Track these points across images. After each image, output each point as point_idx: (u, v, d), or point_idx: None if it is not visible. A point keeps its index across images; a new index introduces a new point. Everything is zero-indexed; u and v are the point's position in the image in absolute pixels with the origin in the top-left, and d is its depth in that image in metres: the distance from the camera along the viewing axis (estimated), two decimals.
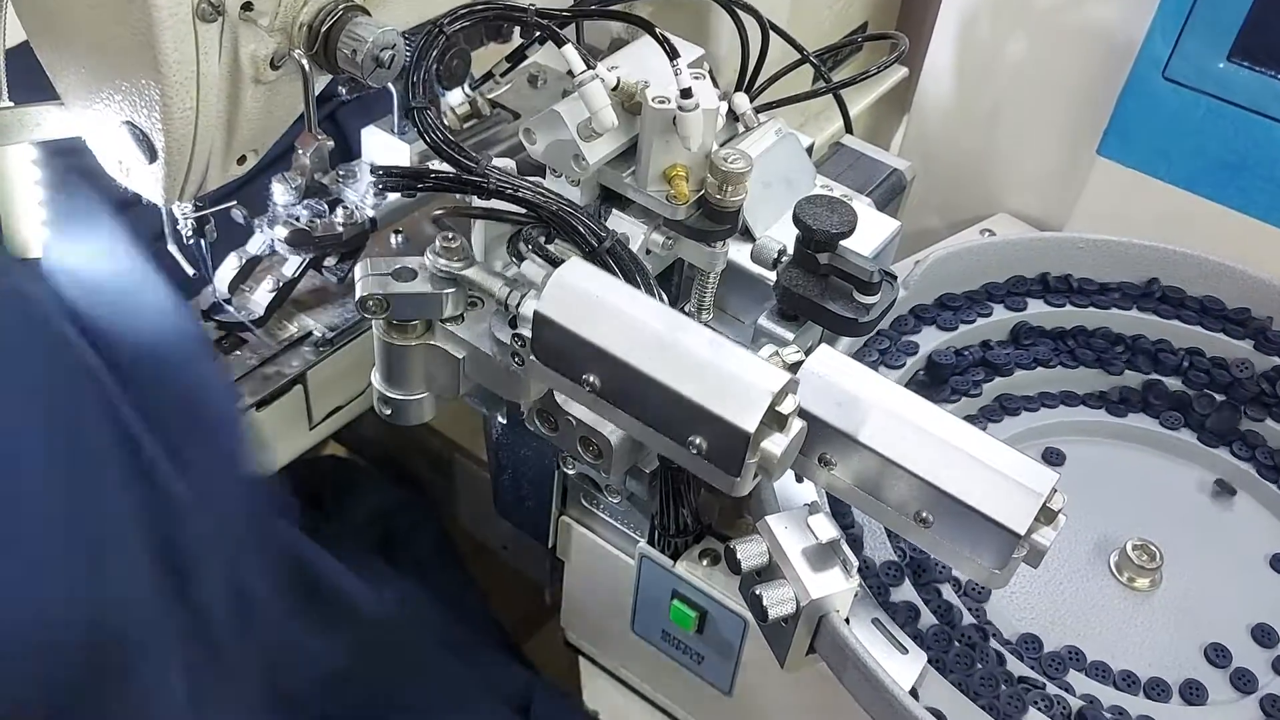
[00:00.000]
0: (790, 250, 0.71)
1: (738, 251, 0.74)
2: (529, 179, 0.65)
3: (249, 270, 0.87)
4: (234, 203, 0.80)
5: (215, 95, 0.65)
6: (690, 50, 0.72)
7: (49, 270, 0.76)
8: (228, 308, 0.87)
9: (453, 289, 0.64)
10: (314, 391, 0.90)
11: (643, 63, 0.69)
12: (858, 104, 1.16)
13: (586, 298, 0.59)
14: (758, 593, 0.62)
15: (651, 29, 0.67)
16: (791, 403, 0.56)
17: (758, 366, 0.57)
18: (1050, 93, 1.07)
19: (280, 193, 0.82)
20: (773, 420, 0.56)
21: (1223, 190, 0.95)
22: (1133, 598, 0.79)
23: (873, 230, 0.77)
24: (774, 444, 0.56)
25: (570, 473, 0.78)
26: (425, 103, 0.66)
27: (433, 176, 0.67)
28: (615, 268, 0.64)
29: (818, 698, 0.77)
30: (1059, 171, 1.07)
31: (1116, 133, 0.98)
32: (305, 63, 0.67)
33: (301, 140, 0.79)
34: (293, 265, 0.87)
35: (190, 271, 0.82)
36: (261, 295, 0.87)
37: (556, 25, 0.67)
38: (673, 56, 0.65)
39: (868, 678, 0.61)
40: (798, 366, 0.62)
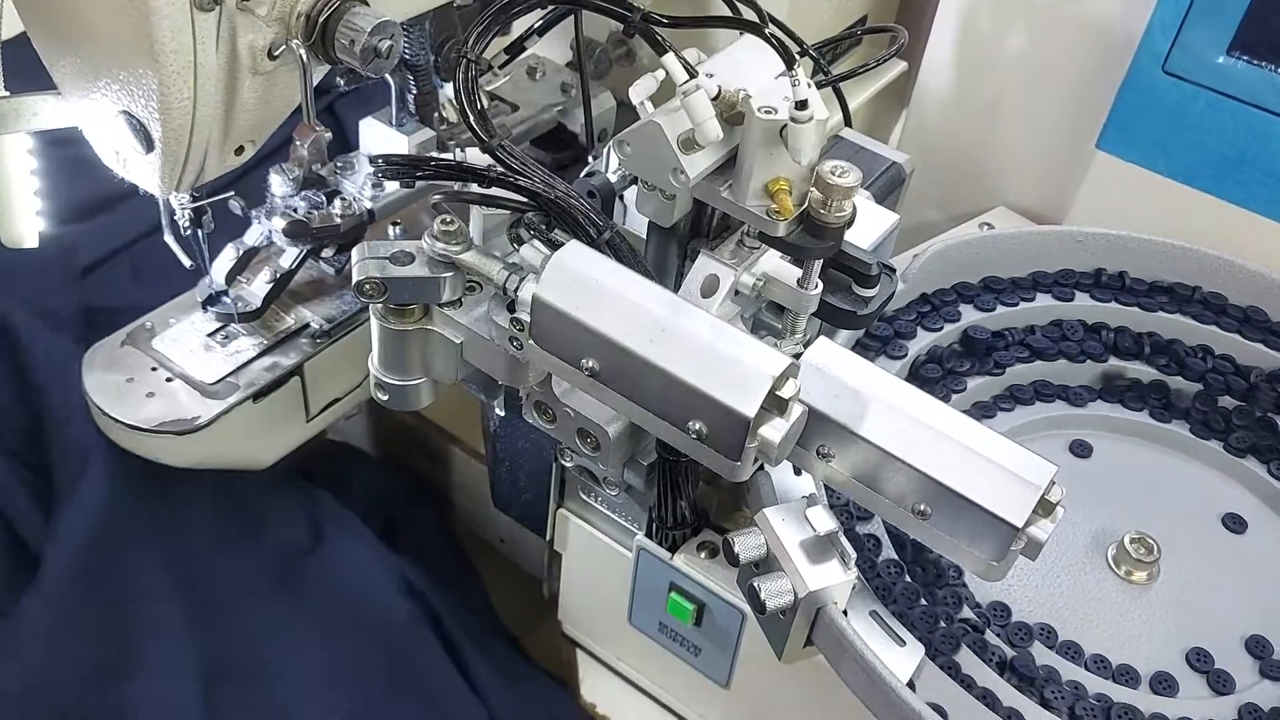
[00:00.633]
0: None
1: None
2: (531, 165, 0.64)
3: (246, 261, 0.87)
4: (232, 194, 0.80)
5: (213, 85, 0.65)
6: (688, 51, 0.70)
7: None
8: (225, 299, 0.87)
9: (451, 273, 0.64)
10: (311, 384, 0.90)
11: (737, 68, 0.65)
12: (857, 97, 1.15)
13: (585, 281, 0.59)
14: (755, 585, 0.61)
15: (765, 35, 0.63)
16: (792, 387, 0.56)
17: (758, 350, 0.56)
18: (1050, 87, 1.06)
19: (278, 184, 0.83)
20: (773, 405, 0.56)
21: (1222, 184, 0.95)
22: (1129, 591, 0.79)
23: (872, 223, 0.76)
24: (774, 429, 0.56)
25: (568, 465, 0.77)
26: (477, 55, 0.64)
27: (432, 165, 0.67)
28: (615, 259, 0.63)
29: (815, 690, 0.76)
30: (1058, 165, 1.07)
31: (1116, 127, 0.98)
32: (303, 53, 0.67)
33: (299, 132, 0.79)
34: (290, 257, 0.87)
35: (187, 263, 0.82)
36: (259, 286, 0.87)
37: (662, 28, 0.63)
38: (789, 64, 0.61)
39: (865, 670, 0.61)
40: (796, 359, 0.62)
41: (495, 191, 0.65)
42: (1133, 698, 0.71)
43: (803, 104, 0.59)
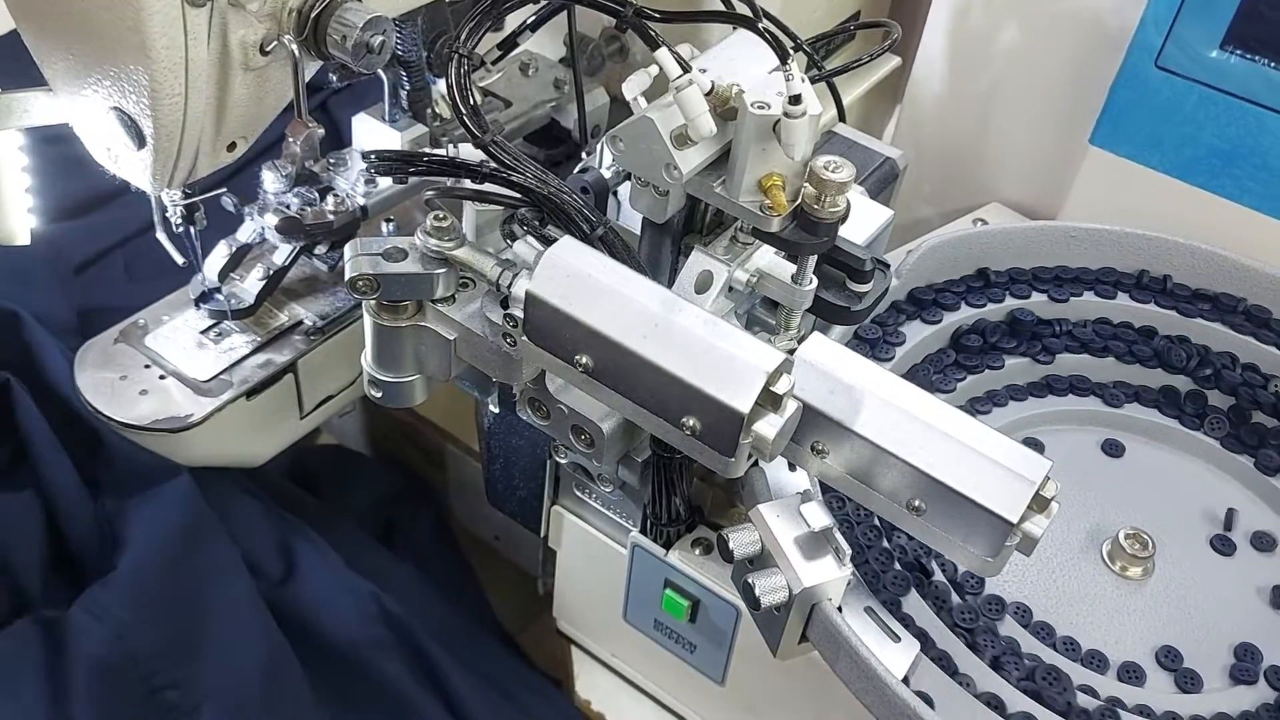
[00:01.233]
0: None
1: None
2: (524, 160, 0.64)
3: (239, 258, 0.87)
4: (224, 190, 0.80)
5: (204, 81, 0.65)
6: (681, 47, 0.70)
7: None
8: (217, 296, 0.86)
9: (444, 269, 0.64)
10: (305, 381, 0.89)
11: (730, 63, 0.64)
12: (851, 93, 1.15)
13: (579, 277, 0.59)
14: (750, 581, 0.61)
15: (759, 30, 0.63)
16: (786, 383, 0.56)
17: (752, 346, 0.56)
18: (1043, 82, 1.06)
19: (271, 180, 0.82)
20: (767, 401, 0.56)
21: (1215, 179, 0.95)
22: (1125, 586, 0.79)
23: (865, 219, 0.76)
24: (768, 425, 0.56)
25: (562, 462, 0.77)
26: (469, 50, 0.64)
27: (425, 160, 0.66)
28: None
29: (811, 686, 0.77)
30: (1051, 161, 1.07)
31: (1109, 122, 0.98)
32: (295, 48, 0.67)
33: (292, 128, 0.78)
34: (283, 253, 0.86)
35: (179, 260, 0.82)
36: (252, 283, 0.87)
37: (655, 23, 0.63)
38: (783, 58, 0.61)
39: (860, 666, 0.61)
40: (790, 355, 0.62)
41: (488, 187, 0.65)
42: (1141, 695, 0.71)
43: (796, 99, 0.59)
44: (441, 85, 0.87)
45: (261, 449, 0.91)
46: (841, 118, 0.98)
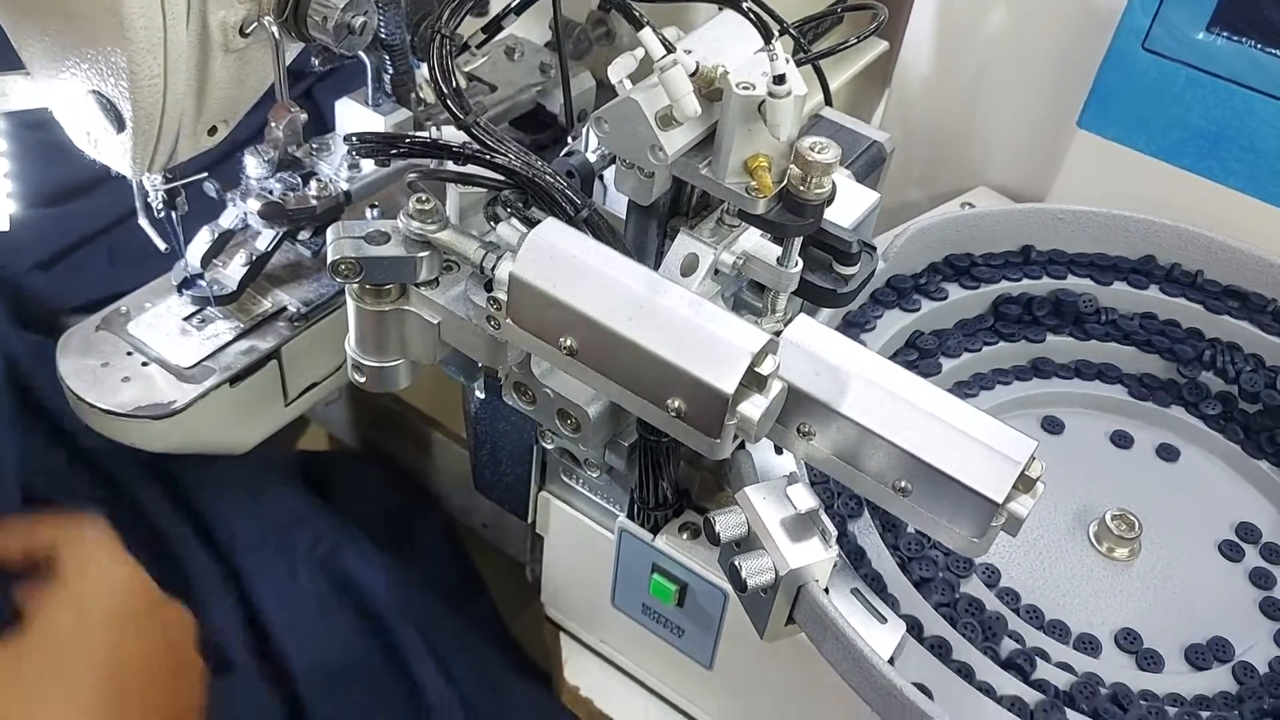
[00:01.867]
0: None
1: None
2: (507, 142, 0.64)
3: (222, 244, 0.86)
4: (206, 175, 0.79)
5: (183, 63, 0.64)
6: (667, 29, 0.70)
7: None
8: (200, 282, 0.86)
9: (427, 252, 0.63)
10: (289, 367, 0.89)
11: (716, 45, 0.64)
12: (838, 77, 1.15)
13: (562, 258, 0.58)
14: (736, 563, 0.61)
15: (743, 10, 0.62)
16: (771, 363, 0.56)
17: (737, 327, 0.56)
18: (1030, 65, 1.06)
19: (253, 165, 0.82)
20: (752, 381, 0.55)
21: (1202, 161, 0.95)
22: (1111, 567, 0.79)
23: (852, 202, 0.76)
24: (753, 406, 0.55)
25: (549, 447, 0.77)
26: (452, 31, 0.63)
27: (407, 142, 0.66)
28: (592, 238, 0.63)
29: (798, 669, 0.76)
30: (1039, 144, 1.07)
31: (1097, 104, 0.98)
32: (275, 30, 0.66)
33: (274, 112, 0.78)
34: (266, 239, 0.86)
35: (162, 246, 0.81)
36: (234, 270, 0.86)
37: (640, 3, 0.62)
38: (767, 39, 0.60)
39: (846, 647, 0.61)
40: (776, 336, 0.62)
41: (471, 169, 0.64)
42: (1096, 666, 0.71)
43: (781, 79, 0.59)
44: (425, 69, 0.86)
45: (245, 436, 0.91)
46: (828, 101, 0.97)
